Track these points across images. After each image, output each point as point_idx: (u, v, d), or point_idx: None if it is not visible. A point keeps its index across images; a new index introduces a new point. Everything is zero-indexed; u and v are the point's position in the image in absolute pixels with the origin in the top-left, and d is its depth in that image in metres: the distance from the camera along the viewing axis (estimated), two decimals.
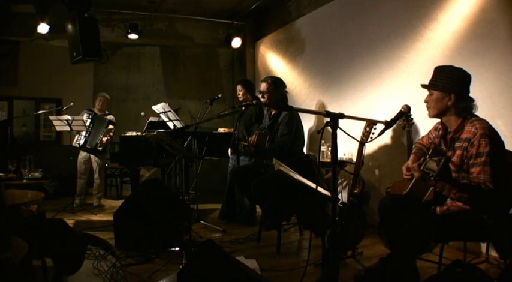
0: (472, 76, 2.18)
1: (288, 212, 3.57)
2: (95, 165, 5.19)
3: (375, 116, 3.53)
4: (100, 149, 5.05)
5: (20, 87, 5.99)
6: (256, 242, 3.55)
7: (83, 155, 5.15)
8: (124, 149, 4.87)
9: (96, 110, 5.23)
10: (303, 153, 3.83)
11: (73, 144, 5.08)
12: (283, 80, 3.79)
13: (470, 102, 2.15)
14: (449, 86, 2.13)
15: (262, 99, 3.71)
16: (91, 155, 5.15)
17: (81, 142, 5.00)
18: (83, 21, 4.74)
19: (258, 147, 3.56)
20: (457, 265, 1.91)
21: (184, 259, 2.89)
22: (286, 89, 3.78)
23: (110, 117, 5.26)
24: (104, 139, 5.02)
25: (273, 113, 3.71)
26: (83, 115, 5.05)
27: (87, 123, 4.95)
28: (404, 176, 2.32)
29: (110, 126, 5.08)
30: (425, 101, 2.24)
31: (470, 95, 2.18)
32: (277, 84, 3.64)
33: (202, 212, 4.60)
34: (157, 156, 4.45)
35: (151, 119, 5.28)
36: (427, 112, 2.26)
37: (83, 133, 4.99)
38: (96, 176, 5.20)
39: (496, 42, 3.02)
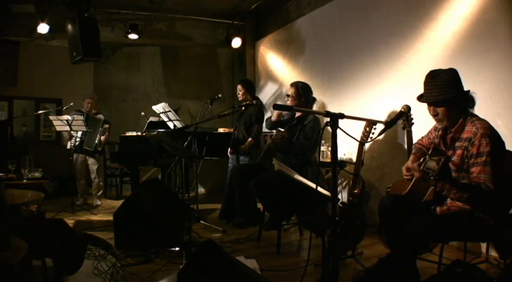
0: (472, 76, 2.19)
1: (288, 212, 3.57)
2: (91, 166, 5.18)
3: (375, 116, 3.53)
4: (100, 149, 5.07)
5: (20, 87, 5.98)
6: (256, 242, 3.54)
7: (78, 156, 5.14)
8: (124, 149, 4.88)
9: (85, 111, 5.18)
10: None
11: (68, 147, 5.06)
12: (283, 80, 3.79)
13: (469, 96, 2.15)
14: (452, 94, 2.09)
15: (287, 103, 3.71)
16: (86, 156, 5.15)
17: (77, 144, 4.99)
18: (83, 21, 4.75)
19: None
20: (457, 265, 1.91)
21: (184, 259, 2.89)
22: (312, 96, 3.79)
23: (101, 116, 5.27)
24: (102, 138, 5.05)
25: (297, 115, 3.70)
26: (72, 116, 4.99)
27: None
28: (404, 177, 2.32)
29: (106, 125, 5.11)
30: (434, 114, 2.18)
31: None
32: (304, 90, 3.64)
33: (202, 212, 4.60)
34: (157, 156, 4.45)
35: (151, 119, 5.29)
36: (440, 123, 2.20)
37: (79, 134, 4.97)
38: (93, 175, 5.20)
39: (496, 42, 3.02)
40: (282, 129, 3.59)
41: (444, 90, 2.09)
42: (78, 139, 5.01)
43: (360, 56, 4.29)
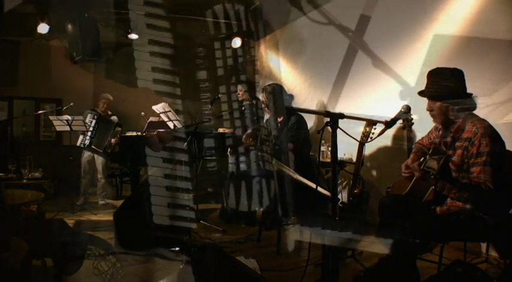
0: (472, 76, 2.18)
1: (288, 211, 3.57)
2: (99, 165, 5.19)
3: (375, 116, 3.52)
4: (109, 151, 5.07)
5: (20, 87, 5.98)
6: (256, 242, 3.54)
7: (86, 154, 5.14)
8: (124, 149, 4.87)
9: (99, 112, 5.22)
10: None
11: (78, 144, 5.07)
12: (283, 80, 3.79)
13: (471, 99, 2.15)
14: (449, 91, 2.10)
15: (265, 111, 3.71)
16: (95, 155, 5.15)
17: (87, 142, 5.00)
18: (83, 21, 4.75)
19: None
20: (457, 265, 1.91)
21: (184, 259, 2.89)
22: (288, 94, 3.79)
23: (114, 118, 5.27)
24: (113, 141, 5.06)
25: (279, 119, 3.68)
26: (86, 116, 5.03)
27: (92, 124, 4.94)
28: (403, 174, 2.32)
29: (118, 128, 5.12)
30: (429, 109, 2.20)
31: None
32: (275, 93, 3.61)
33: (202, 212, 4.59)
34: None
35: (151, 119, 5.28)
36: (434, 120, 2.22)
37: (89, 133, 4.98)
38: (100, 175, 5.20)
39: (496, 43, 3.01)
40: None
41: (443, 86, 2.10)
42: (88, 138, 5.01)
43: (360, 56, 4.28)
